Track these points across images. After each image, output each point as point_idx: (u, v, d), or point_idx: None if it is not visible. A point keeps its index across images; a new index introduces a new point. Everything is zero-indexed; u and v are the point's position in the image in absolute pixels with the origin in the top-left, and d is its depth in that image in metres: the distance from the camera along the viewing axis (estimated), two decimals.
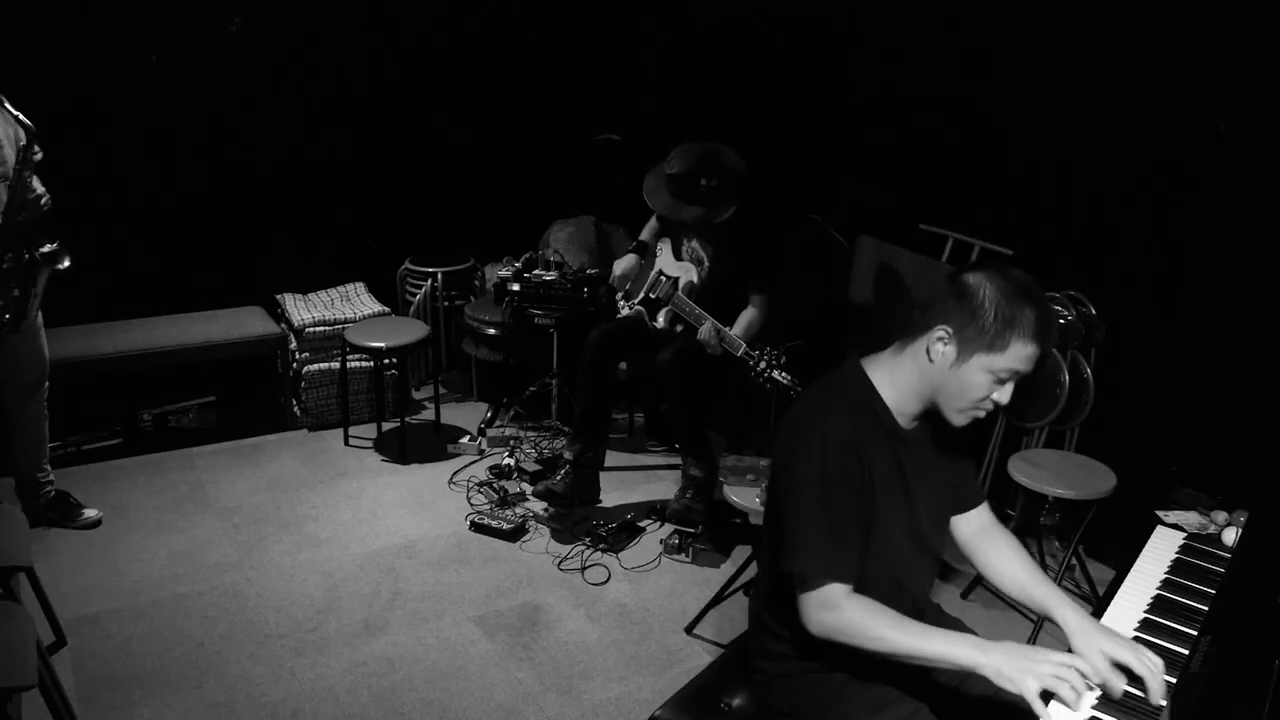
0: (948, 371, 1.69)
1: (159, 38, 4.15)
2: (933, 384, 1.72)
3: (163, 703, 2.71)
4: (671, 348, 3.53)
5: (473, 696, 2.79)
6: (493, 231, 5.01)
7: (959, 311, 1.66)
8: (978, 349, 1.65)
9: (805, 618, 1.68)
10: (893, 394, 1.77)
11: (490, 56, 4.97)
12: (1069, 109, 3.47)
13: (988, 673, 1.55)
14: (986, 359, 1.65)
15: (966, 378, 1.67)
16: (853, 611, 1.64)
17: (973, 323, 1.64)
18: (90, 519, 3.55)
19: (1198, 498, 2.32)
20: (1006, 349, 1.64)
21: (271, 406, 4.54)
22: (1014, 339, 1.63)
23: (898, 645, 1.62)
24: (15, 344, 3.20)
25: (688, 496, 3.63)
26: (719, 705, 1.98)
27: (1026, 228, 3.62)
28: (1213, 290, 3.15)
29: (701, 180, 3.45)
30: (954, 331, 1.66)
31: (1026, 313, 1.63)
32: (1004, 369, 1.66)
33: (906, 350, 1.75)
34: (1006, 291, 1.63)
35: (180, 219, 4.39)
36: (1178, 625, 1.84)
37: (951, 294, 1.68)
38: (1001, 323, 1.63)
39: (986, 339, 1.64)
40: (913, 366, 1.74)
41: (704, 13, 4.86)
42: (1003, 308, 1.63)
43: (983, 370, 1.66)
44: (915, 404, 1.77)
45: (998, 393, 1.69)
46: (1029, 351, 1.64)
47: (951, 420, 1.75)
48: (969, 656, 1.58)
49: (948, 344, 1.68)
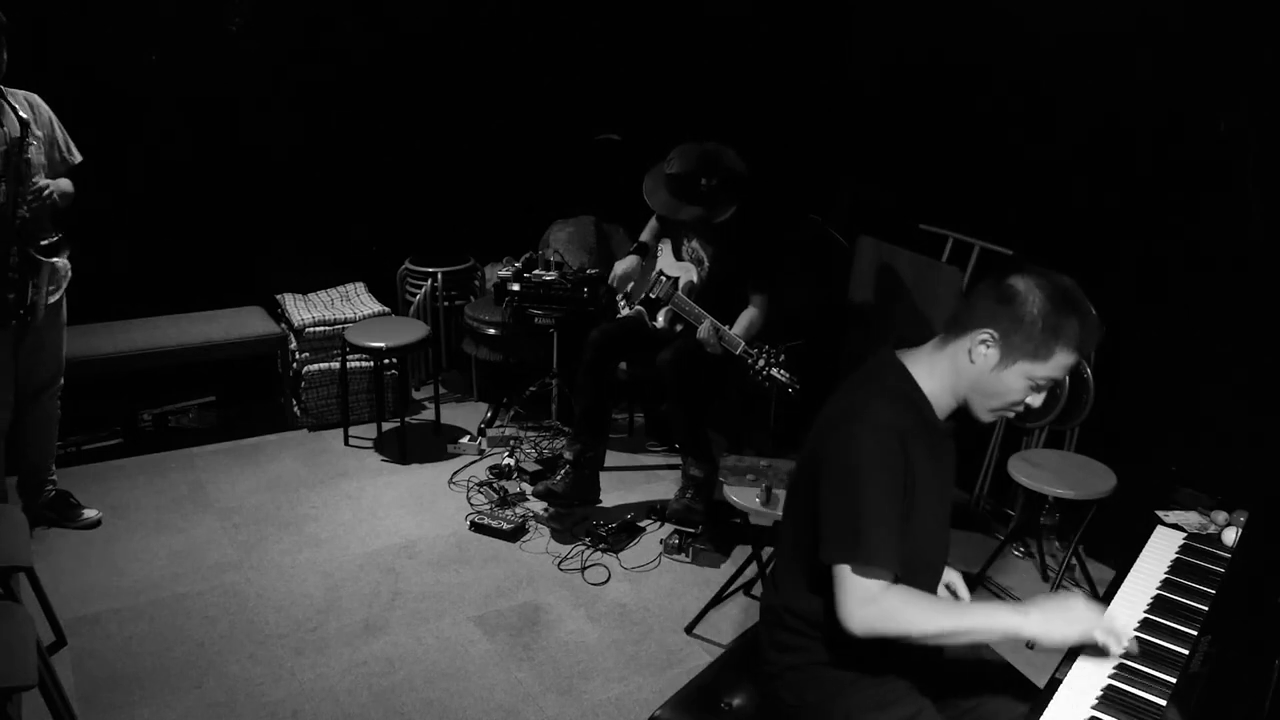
0: (988, 374, 1.70)
1: (159, 37, 4.15)
2: (970, 384, 1.73)
3: (163, 703, 2.71)
4: (671, 347, 3.53)
5: (473, 696, 2.79)
6: (493, 231, 5.01)
7: (1005, 317, 1.66)
8: (1022, 356, 1.66)
9: (847, 615, 1.64)
10: (931, 387, 1.77)
11: (490, 56, 4.97)
12: (1069, 109, 3.47)
13: (1033, 632, 1.61)
14: (1029, 366, 1.67)
15: (1007, 382, 1.69)
16: (892, 601, 1.64)
17: (1019, 330, 1.65)
18: (90, 519, 3.55)
19: (1198, 498, 2.32)
20: (1050, 358, 1.65)
21: (271, 406, 4.54)
22: (1058, 349, 1.65)
23: (943, 626, 1.63)
24: (34, 339, 3.21)
25: (688, 496, 3.63)
26: (719, 705, 1.98)
27: (1026, 228, 3.62)
28: (1213, 290, 3.15)
29: (701, 180, 3.45)
30: (999, 336, 1.67)
31: (1073, 323, 1.64)
32: (1044, 377, 1.68)
33: (947, 348, 1.75)
34: (1055, 301, 1.64)
35: (181, 219, 4.39)
36: (1178, 625, 1.84)
37: (998, 298, 1.68)
38: (1048, 332, 1.64)
39: (1031, 347, 1.65)
40: (951, 365, 1.75)
41: (704, 12, 4.86)
42: (1050, 318, 1.64)
43: (1023, 377, 1.68)
44: (950, 400, 1.78)
45: (1031, 397, 1.71)
46: (1070, 361, 1.67)
47: (980, 418, 1.77)
48: (1015, 623, 1.63)
49: (991, 347, 1.68)
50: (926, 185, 4.03)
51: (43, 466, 3.49)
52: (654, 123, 4.44)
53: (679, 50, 4.98)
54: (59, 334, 3.35)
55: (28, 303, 3.04)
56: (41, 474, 3.49)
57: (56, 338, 3.35)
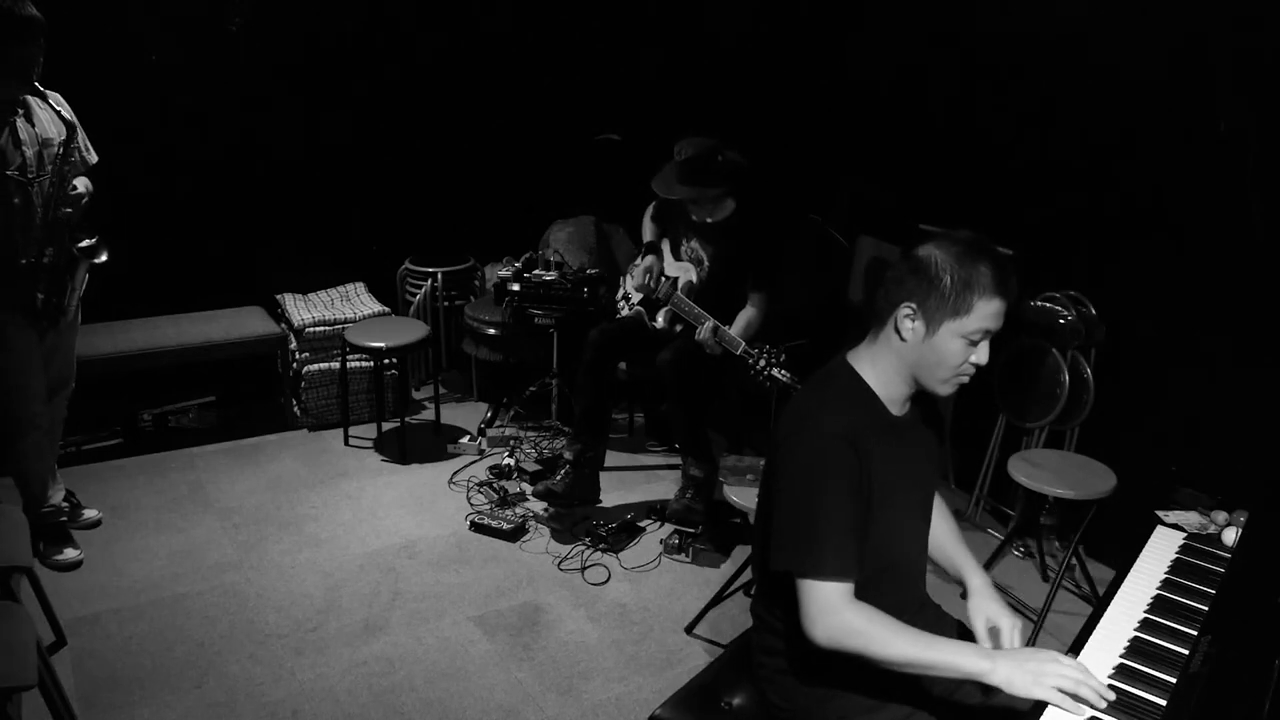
0: (921, 345, 1.71)
1: (159, 38, 4.15)
2: (911, 362, 1.74)
3: (163, 703, 2.71)
4: (671, 347, 3.54)
5: (473, 696, 2.79)
6: (493, 231, 5.01)
7: (918, 285, 1.68)
8: (944, 317, 1.67)
9: (810, 623, 1.65)
10: (879, 382, 1.78)
11: (490, 56, 4.97)
12: (1069, 109, 3.47)
13: (997, 680, 1.56)
14: (955, 324, 1.67)
15: (941, 347, 1.69)
16: (856, 617, 1.63)
17: (933, 292, 1.67)
18: (90, 519, 3.55)
19: (1198, 498, 2.32)
20: (971, 310, 1.66)
21: (271, 406, 4.54)
22: (976, 299, 1.65)
23: (905, 654, 1.61)
24: (53, 341, 3.22)
25: (688, 497, 3.63)
26: (719, 705, 1.98)
27: (1026, 228, 3.62)
28: (1213, 290, 3.15)
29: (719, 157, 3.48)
30: (918, 306, 1.69)
31: (981, 269, 1.65)
32: (974, 330, 1.67)
33: (880, 336, 1.77)
34: (958, 254, 1.66)
35: (180, 219, 4.39)
36: (1178, 625, 1.84)
37: (908, 270, 1.71)
38: (960, 285, 1.65)
39: (950, 305, 1.66)
40: (889, 349, 1.76)
41: (704, 12, 4.86)
42: (957, 271, 1.65)
43: (954, 336, 1.68)
44: (902, 387, 1.78)
45: (974, 355, 1.71)
46: (994, 307, 1.66)
47: (937, 392, 1.77)
48: (975, 665, 1.58)
49: (915, 319, 1.70)
50: (926, 185, 4.03)
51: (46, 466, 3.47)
52: (654, 123, 4.44)
53: (679, 50, 4.99)
54: (74, 336, 3.37)
55: (63, 303, 3.07)
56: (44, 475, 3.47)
57: (72, 340, 3.36)
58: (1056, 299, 3.36)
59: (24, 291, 3.01)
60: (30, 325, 3.07)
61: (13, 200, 2.93)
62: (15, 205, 2.93)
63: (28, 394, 3.15)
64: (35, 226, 2.97)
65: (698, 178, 3.48)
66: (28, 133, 2.96)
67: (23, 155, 2.93)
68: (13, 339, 3.07)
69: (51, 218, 2.97)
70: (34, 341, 3.13)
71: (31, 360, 3.14)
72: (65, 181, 2.96)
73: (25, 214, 2.95)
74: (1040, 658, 1.57)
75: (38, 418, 3.21)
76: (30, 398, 3.17)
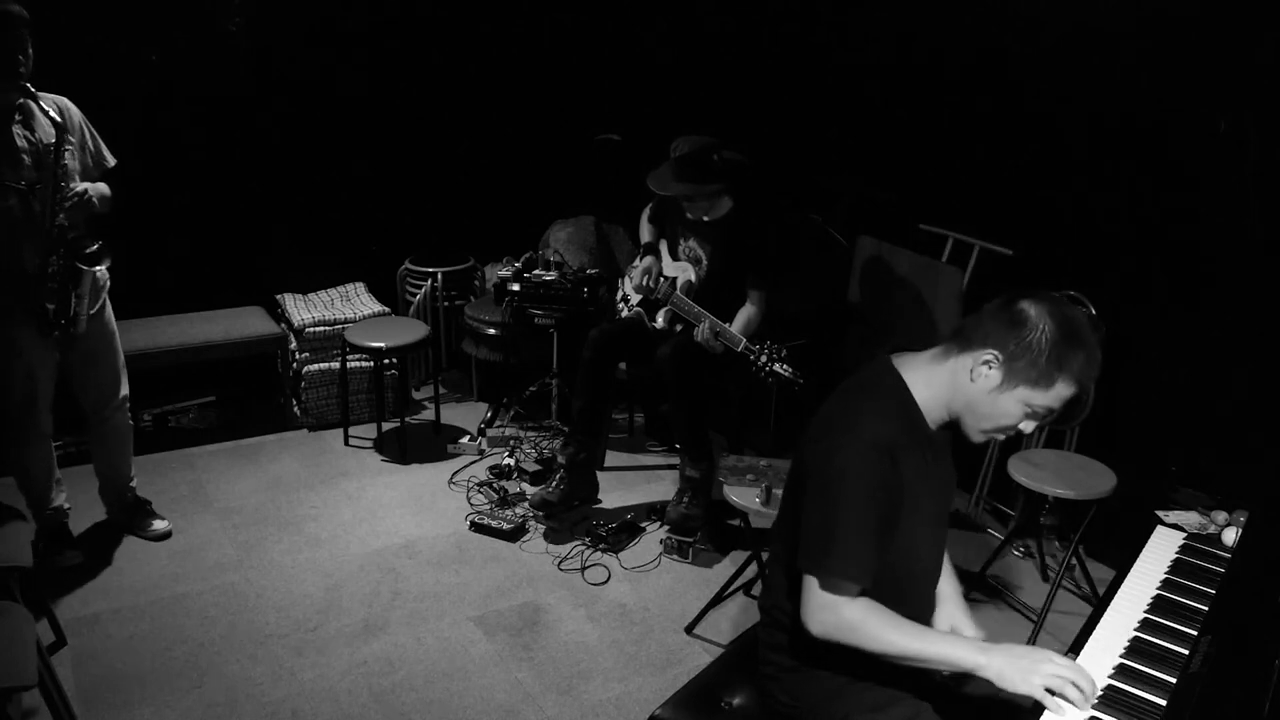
0: (986, 395, 1.69)
1: (159, 37, 4.15)
2: (966, 402, 1.72)
3: (163, 703, 2.71)
4: (671, 342, 3.53)
5: (473, 696, 2.79)
6: (493, 231, 5.01)
7: (1012, 340, 1.64)
8: (1023, 382, 1.65)
9: (807, 616, 1.69)
10: (926, 398, 1.77)
11: (490, 56, 4.97)
12: (1069, 108, 3.47)
13: (989, 674, 1.59)
14: (1029, 393, 1.65)
15: (1004, 406, 1.68)
16: (855, 612, 1.66)
17: (1025, 356, 1.63)
18: (159, 530, 3.52)
19: (1198, 498, 2.32)
20: (1051, 388, 1.64)
21: (271, 406, 4.54)
22: (1060, 380, 1.63)
23: (899, 647, 1.64)
24: (83, 354, 3.20)
25: (684, 502, 3.58)
26: (719, 704, 1.98)
27: (1026, 228, 3.62)
28: (1213, 290, 3.15)
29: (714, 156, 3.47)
30: (1003, 359, 1.65)
31: (1079, 356, 1.62)
32: (1041, 406, 1.67)
33: (948, 362, 1.74)
34: (1064, 331, 1.62)
35: (180, 219, 4.39)
36: (1178, 625, 1.84)
37: (1008, 320, 1.66)
38: (1053, 362, 1.62)
39: (1035, 374, 1.63)
40: (951, 379, 1.73)
41: (704, 12, 4.86)
42: (1057, 347, 1.61)
43: (1021, 403, 1.67)
44: (943, 412, 1.77)
45: (1024, 424, 1.70)
46: (1070, 394, 1.65)
47: (970, 437, 1.76)
48: (970, 659, 1.61)
49: (994, 369, 1.67)
50: (926, 185, 4.03)
51: (120, 477, 3.50)
52: (654, 123, 4.44)
53: (679, 50, 4.99)
54: (109, 345, 3.30)
55: (70, 313, 3.02)
56: (120, 484, 3.51)
57: (107, 350, 3.29)
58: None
59: (32, 301, 2.97)
60: (43, 336, 3.03)
61: (13, 208, 2.90)
62: (16, 213, 2.90)
63: (36, 403, 3.13)
64: (39, 234, 2.93)
65: (693, 174, 3.48)
66: (26, 139, 2.92)
67: (22, 162, 2.90)
68: (24, 347, 3.04)
69: (51, 225, 2.93)
70: (47, 352, 3.10)
71: (42, 372, 3.11)
72: (61, 186, 2.92)
73: (27, 222, 2.92)
74: (1034, 656, 1.58)
75: (44, 426, 3.20)
76: (39, 407, 3.15)
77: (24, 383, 3.09)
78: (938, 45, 3.93)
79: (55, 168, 2.90)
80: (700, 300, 3.53)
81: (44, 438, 3.23)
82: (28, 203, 2.92)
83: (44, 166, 2.91)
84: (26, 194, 2.91)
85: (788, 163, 4.53)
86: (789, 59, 4.57)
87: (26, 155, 2.91)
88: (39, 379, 3.11)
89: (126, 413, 3.43)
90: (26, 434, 3.18)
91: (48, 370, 3.14)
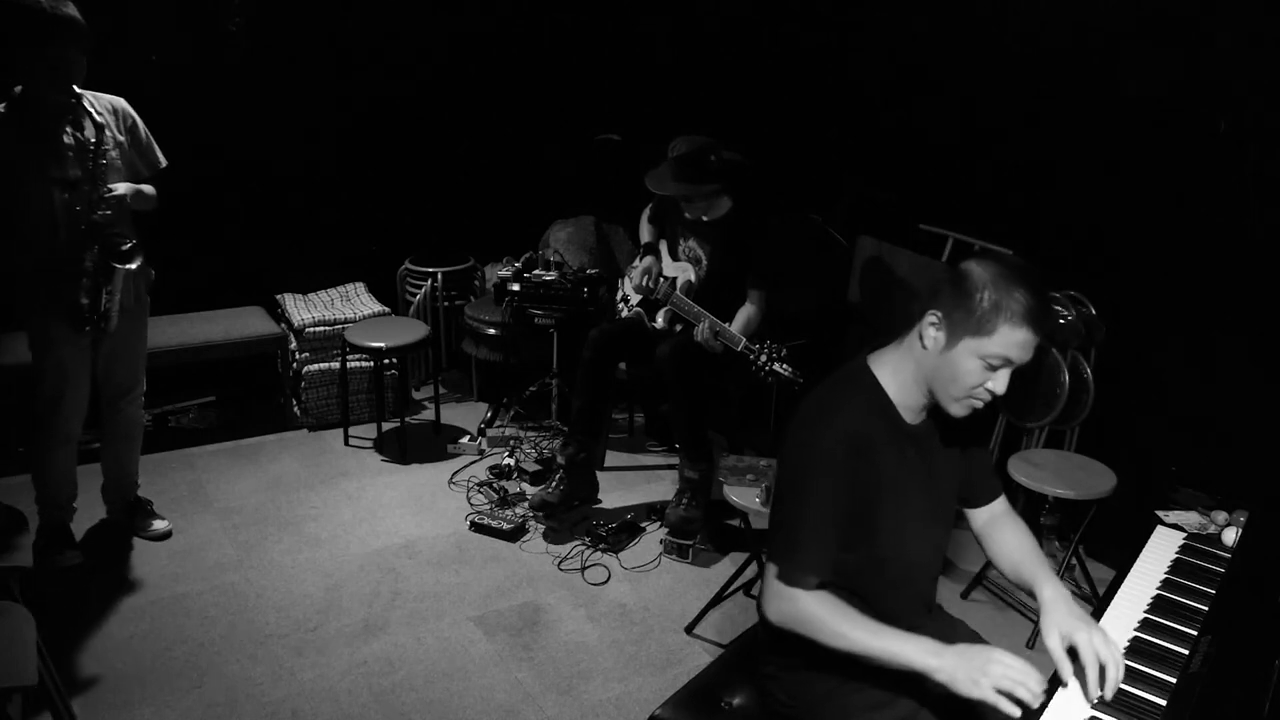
0: (938, 356, 1.69)
1: (159, 38, 4.14)
2: (928, 371, 1.72)
3: (163, 703, 2.71)
4: (670, 341, 3.53)
5: (473, 696, 2.79)
6: (493, 231, 5.01)
7: (950, 296, 1.66)
8: (965, 332, 1.64)
9: (765, 604, 1.73)
10: (896, 388, 1.77)
11: (490, 56, 4.97)
12: (1069, 108, 3.47)
13: (943, 678, 1.57)
14: (975, 343, 1.64)
15: (957, 362, 1.66)
16: (811, 604, 1.68)
17: (962, 305, 1.64)
18: (159, 531, 3.53)
19: (1198, 498, 2.32)
20: (994, 332, 1.62)
21: (271, 406, 4.54)
22: (1002, 322, 1.61)
23: (852, 641, 1.65)
24: (112, 345, 3.21)
25: (683, 504, 3.57)
26: (719, 705, 1.98)
27: (1026, 228, 3.62)
28: (1213, 290, 3.15)
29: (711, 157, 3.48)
30: (944, 315, 1.67)
31: (1016, 296, 1.60)
32: (994, 355, 1.64)
33: (905, 341, 1.77)
34: (997, 275, 1.63)
35: (180, 219, 4.38)
36: (1178, 625, 1.84)
37: (945, 279, 1.70)
38: (990, 306, 1.61)
39: (974, 322, 1.63)
40: (910, 356, 1.75)
41: (705, 12, 4.86)
42: (992, 291, 1.61)
43: (972, 355, 1.65)
44: (919, 396, 1.77)
45: (992, 381, 1.67)
46: (1019, 337, 1.62)
47: (950, 411, 1.74)
48: (922, 660, 1.59)
49: (939, 328, 1.68)
50: (926, 185, 4.03)
51: (125, 474, 3.51)
52: (654, 123, 4.44)
53: (680, 50, 4.99)
54: (139, 339, 3.33)
55: (101, 309, 3.04)
56: (124, 481, 3.51)
57: (136, 343, 3.33)
58: (1056, 299, 3.36)
59: (67, 295, 2.99)
60: (76, 331, 3.04)
61: (55, 203, 2.94)
62: (57, 208, 2.94)
63: (64, 403, 3.13)
64: (78, 230, 2.96)
65: (690, 175, 3.48)
66: (75, 138, 2.95)
67: (67, 159, 2.94)
68: (56, 342, 3.06)
69: (88, 221, 2.95)
70: (80, 350, 3.11)
71: (74, 369, 3.11)
72: (100, 183, 2.95)
73: (68, 217, 2.95)
74: (983, 657, 1.55)
75: (70, 429, 3.20)
76: (66, 409, 3.15)
77: (54, 378, 3.10)
78: (938, 45, 3.93)
79: (95, 166, 2.94)
80: (700, 300, 3.53)
81: (69, 441, 3.23)
82: (69, 199, 2.95)
83: (86, 165, 2.95)
84: (68, 190, 2.95)
85: (788, 163, 4.53)
86: (789, 59, 4.58)
87: (71, 153, 2.95)
88: (69, 377, 3.11)
89: (140, 407, 3.46)
90: (53, 435, 3.18)
91: (80, 369, 3.14)
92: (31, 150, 2.90)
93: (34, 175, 2.90)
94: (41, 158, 2.90)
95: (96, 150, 2.93)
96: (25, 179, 2.90)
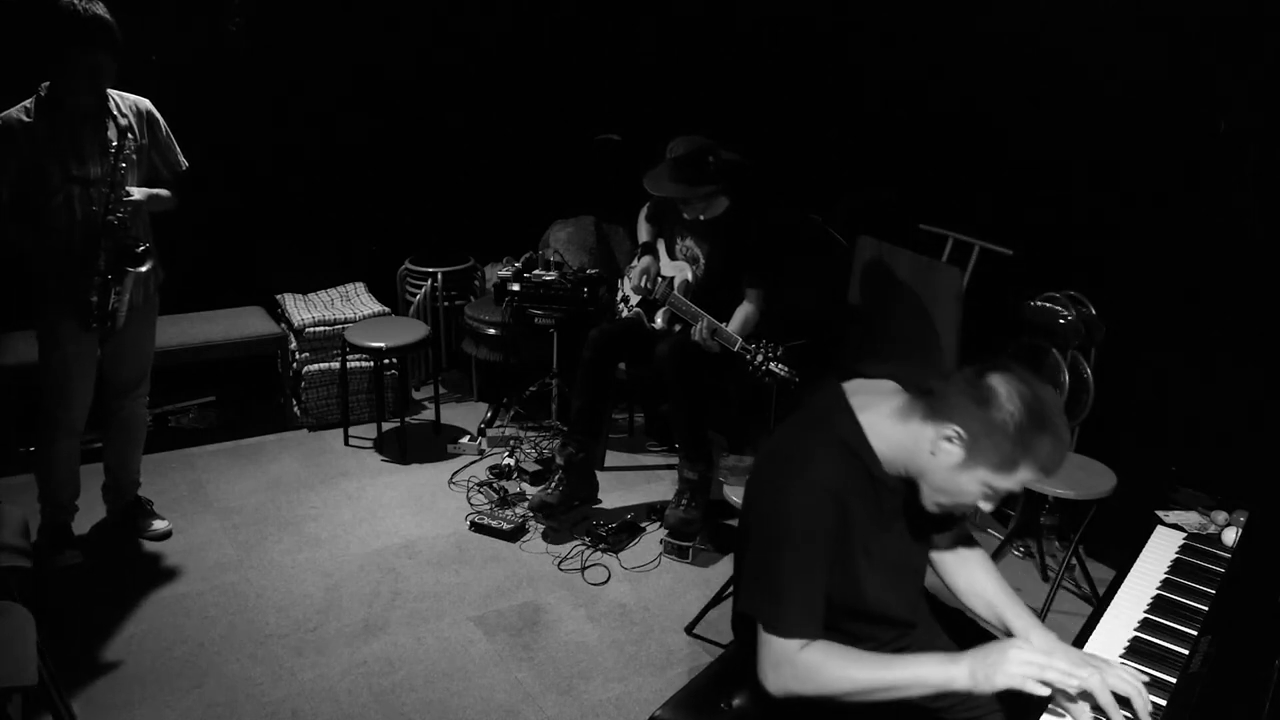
0: (945, 470, 1.60)
1: (159, 37, 4.14)
2: (924, 471, 1.64)
3: (163, 703, 2.71)
4: (669, 341, 3.53)
5: (473, 696, 2.79)
6: (493, 231, 5.01)
7: (978, 420, 1.55)
8: (985, 464, 1.57)
9: (762, 675, 1.64)
10: (883, 449, 1.68)
11: (491, 56, 4.97)
12: (1069, 108, 3.47)
13: (964, 684, 1.52)
14: (990, 475, 1.57)
15: (963, 484, 1.60)
16: (811, 656, 1.60)
17: (988, 437, 1.55)
18: (159, 531, 3.53)
19: (1198, 498, 2.32)
20: (1014, 473, 1.56)
21: (271, 406, 4.54)
22: (1024, 465, 1.55)
23: (865, 681, 1.57)
24: (119, 341, 3.22)
25: (683, 505, 3.56)
26: (719, 705, 1.98)
27: (1026, 228, 3.62)
28: (1213, 290, 3.15)
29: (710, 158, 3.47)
30: (967, 438, 1.57)
31: (1044, 442, 1.53)
32: (1003, 489, 1.59)
33: (910, 425, 1.65)
34: (1032, 415, 1.53)
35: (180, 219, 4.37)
36: (1178, 625, 1.84)
37: (975, 397, 1.56)
38: (1018, 447, 1.54)
39: (998, 458, 1.55)
40: (912, 444, 1.64)
41: (705, 13, 4.86)
42: (1023, 433, 1.53)
43: (981, 483, 1.59)
44: (900, 469, 1.69)
45: (983, 504, 1.63)
46: (1031, 478, 1.58)
47: (925, 504, 1.67)
48: (941, 672, 1.54)
49: (956, 445, 1.58)
50: (926, 185, 4.03)
51: (127, 472, 3.51)
52: (654, 123, 4.44)
53: (679, 50, 4.99)
54: (147, 337, 3.35)
55: (109, 309, 3.06)
56: (126, 480, 3.52)
57: (144, 341, 3.34)
58: (1056, 299, 3.36)
59: (79, 294, 3.01)
60: (83, 329, 3.06)
61: (74, 201, 2.96)
62: (75, 206, 2.96)
63: (70, 397, 3.15)
64: (93, 229, 2.98)
65: (687, 176, 3.48)
66: (98, 139, 2.97)
67: (88, 159, 2.95)
68: (63, 339, 3.07)
69: (103, 222, 2.97)
70: (86, 346, 3.13)
71: (79, 365, 3.13)
72: (119, 185, 2.97)
73: (85, 216, 2.98)
74: (999, 647, 1.53)
75: (75, 422, 3.21)
76: (71, 403, 3.16)
77: (59, 374, 3.11)
78: (938, 45, 3.93)
79: (115, 168, 2.96)
80: (698, 299, 3.53)
81: (73, 434, 3.23)
82: (88, 198, 2.97)
83: (106, 166, 2.97)
84: (87, 189, 2.97)
85: (787, 163, 4.53)
86: (789, 59, 4.58)
87: (93, 153, 2.97)
88: (74, 372, 3.13)
89: (145, 405, 3.47)
90: (56, 428, 3.19)
91: (86, 366, 3.15)
92: (55, 149, 2.92)
93: (56, 173, 2.93)
94: (64, 156, 2.93)
95: (118, 152, 2.96)
96: (49, 176, 2.92)
